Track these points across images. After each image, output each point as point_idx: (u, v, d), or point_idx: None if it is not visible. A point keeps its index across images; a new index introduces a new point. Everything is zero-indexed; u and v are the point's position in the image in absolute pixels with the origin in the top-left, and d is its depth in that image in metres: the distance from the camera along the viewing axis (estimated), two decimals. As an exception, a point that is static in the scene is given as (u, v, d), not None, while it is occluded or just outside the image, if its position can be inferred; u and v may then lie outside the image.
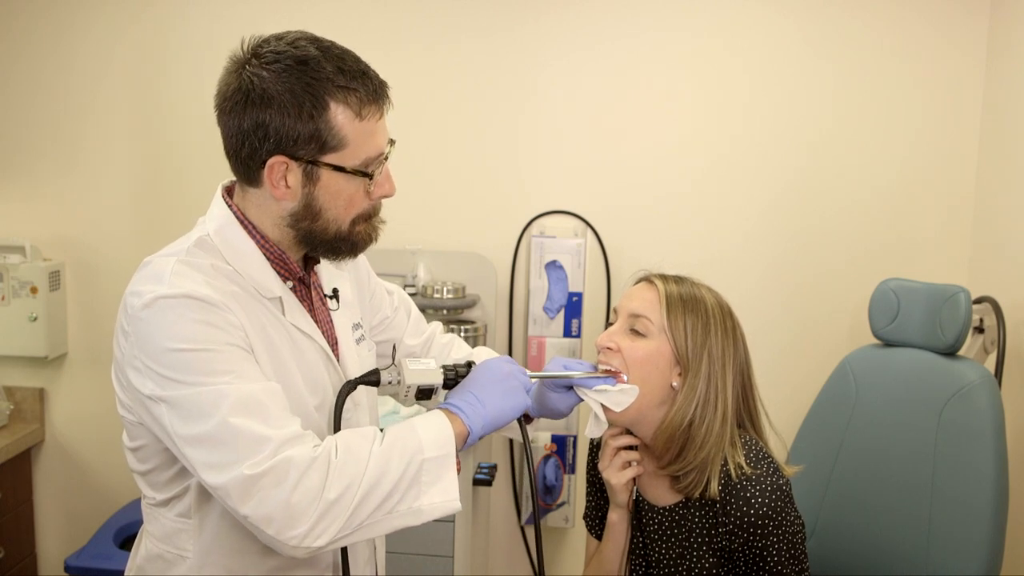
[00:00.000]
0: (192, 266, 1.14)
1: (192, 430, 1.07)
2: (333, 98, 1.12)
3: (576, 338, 2.52)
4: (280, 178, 1.15)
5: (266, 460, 1.05)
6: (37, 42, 2.60)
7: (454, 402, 1.21)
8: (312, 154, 1.13)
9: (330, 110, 1.12)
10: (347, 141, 1.14)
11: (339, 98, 1.13)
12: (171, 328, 1.08)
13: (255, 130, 1.13)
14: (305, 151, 1.13)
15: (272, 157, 1.13)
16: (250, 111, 1.12)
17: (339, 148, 1.14)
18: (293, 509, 1.05)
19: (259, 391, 1.09)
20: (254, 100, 1.12)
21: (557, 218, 2.55)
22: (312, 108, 1.11)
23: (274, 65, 1.12)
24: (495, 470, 2.35)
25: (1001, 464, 1.74)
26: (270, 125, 1.12)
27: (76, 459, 2.74)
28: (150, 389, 1.09)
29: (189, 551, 1.20)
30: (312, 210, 1.17)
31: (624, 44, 2.45)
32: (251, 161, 1.15)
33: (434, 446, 1.13)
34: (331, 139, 1.13)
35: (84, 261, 2.67)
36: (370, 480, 1.08)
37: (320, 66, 1.12)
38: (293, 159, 1.13)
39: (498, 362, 1.26)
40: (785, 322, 2.51)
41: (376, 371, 1.24)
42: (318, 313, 1.28)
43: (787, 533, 1.30)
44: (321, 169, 1.15)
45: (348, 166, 1.15)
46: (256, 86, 1.12)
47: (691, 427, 1.34)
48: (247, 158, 1.15)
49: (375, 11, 2.51)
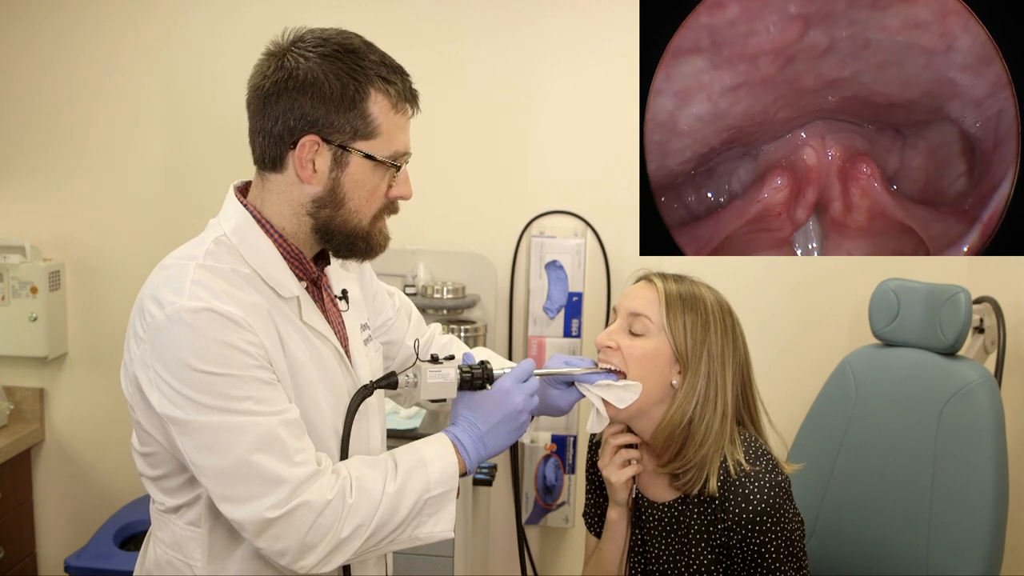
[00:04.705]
0: (212, 271, 1.13)
1: (209, 461, 1.09)
2: (374, 86, 1.15)
3: (576, 338, 2.52)
4: (309, 159, 1.16)
5: (284, 504, 1.09)
6: (38, 42, 2.60)
7: (462, 440, 1.24)
8: (345, 139, 1.15)
9: (370, 98, 1.15)
10: (380, 131, 1.17)
11: (379, 87, 1.16)
12: (192, 345, 1.08)
13: (292, 110, 1.14)
14: (339, 135, 1.15)
15: (305, 136, 1.14)
16: (290, 92, 1.14)
17: (371, 137, 1.16)
18: (306, 546, 1.11)
19: (277, 425, 1.10)
20: (296, 82, 1.14)
21: (557, 218, 2.55)
22: (355, 93, 1.14)
23: (318, 49, 1.15)
24: (495, 470, 2.35)
25: (1001, 464, 1.74)
26: (308, 106, 1.14)
27: (76, 459, 2.75)
28: (166, 407, 1.09)
29: (198, 560, 1.20)
30: (336, 197, 1.18)
31: (624, 44, 2.45)
32: (282, 142, 1.16)
33: (439, 483, 1.19)
34: (366, 126, 1.16)
35: (84, 261, 2.67)
36: (380, 519, 1.15)
37: (364, 55, 1.16)
38: (326, 142, 1.15)
39: (512, 392, 1.26)
40: (785, 322, 2.52)
41: (393, 374, 1.25)
42: (330, 314, 1.29)
43: (785, 530, 1.30)
44: (351, 155, 1.16)
45: (378, 155, 1.17)
46: (301, 67, 1.14)
47: (691, 425, 1.34)
48: (278, 138, 1.16)
49: (375, 12, 2.52)
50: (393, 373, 1.26)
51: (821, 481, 2.01)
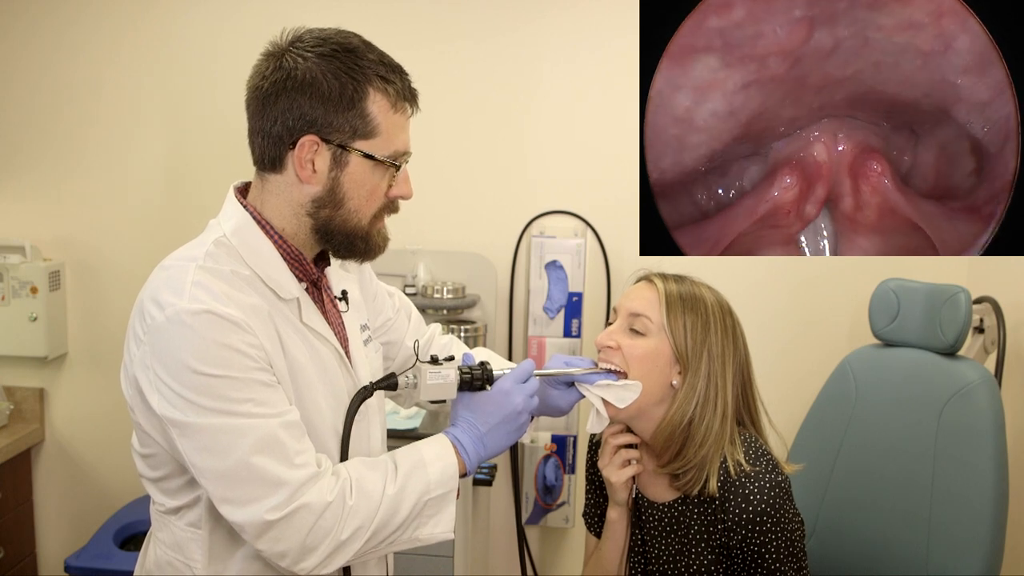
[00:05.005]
0: (212, 272, 1.13)
1: (209, 463, 1.09)
2: (372, 85, 1.15)
3: (576, 338, 2.52)
4: (308, 159, 1.15)
5: (284, 506, 1.09)
6: (38, 42, 2.60)
7: (462, 441, 1.24)
8: (344, 139, 1.15)
9: (369, 97, 1.15)
10: (379, 130, 1.16)
11: (378, 87, 1.15)
12: (192, 347, 1.08)
13: (290, 110, 1.14)
14: (338, 135, 1.15)
15: (304, 136, 1.14)
16: (288, 92, 1.14)
17: (371, 136, 1.16)
18: (307, 548, 1.11)
19: (277, 427, 1.10)
20: (294, 82, 1.13)
21: (557, 218, 2.55)
22: (353, 92, 1.14)
23: (317, 49, 1.15)
24: (495, 470, 2.35)
25: (1001, 464, 1.74)
26: (307, 106, 1.13)
27: (76, 459, 2.75)
28: (166, 409, 1.09)
29: (198, 561, 1.20)
30: (335, 196, 1.18)
31: (624, 44, 2.45)
32: (281, 142, 1.16)
33: (439, 484, 1.19)
34: (365, 126, 1.15)
35: (84, 261, 2.67)
36: (380, 521, 1.15)
37: (363, 54, 1.16)
38: (325, 142, 1.15)
39: (512, 393, 1.26)
40: (785, 322, 2.51)
41: (393, 375, 1.25)
42: (329, 315, 1.29)
43: (785, 531, 1.30)
44: (350, 154, 1.16)
45: (377, 155, 1.17)
46: (299, 67, 1.14)
47: (691, 425, 1.34)
48: (277, 138, 1.16)
49: (375, 12, 2.52)
50: (393, 374, 1.26)
51: (821, 481, 2.01)
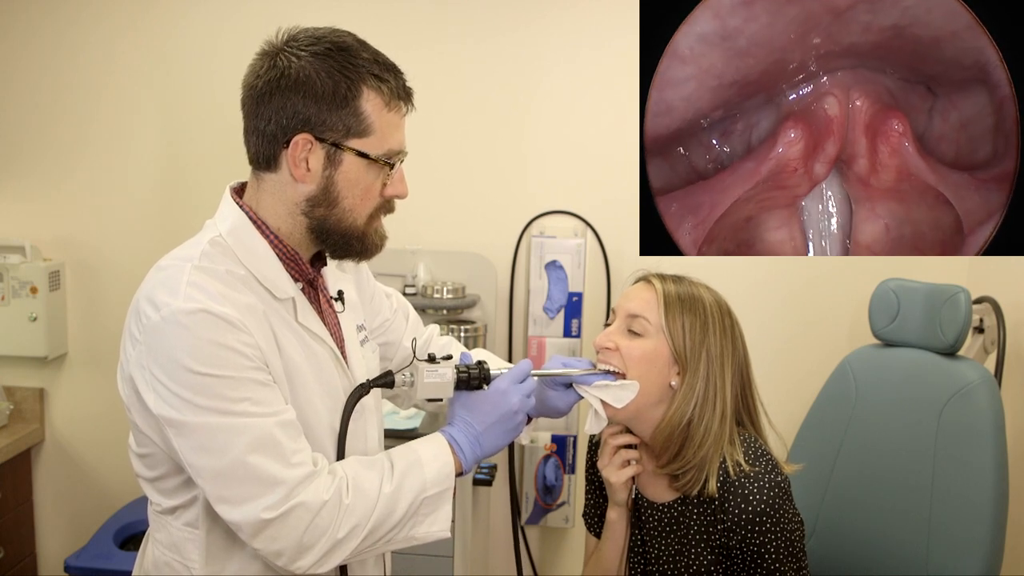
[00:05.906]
0: (208, 272, 1.13)
1: (205, 462, 1.09)
2: (366, 84, 1.15)
3: (576, 338, 2.52)
4: (302, 158, 1.15)
5: (280, 504, 1.09)
6: (38, 42, 2.60)
7: (458, 440, 1.24)
8: (338, 137, 1.15)
9: (362, 95, 1.15)
10: (373, 129, 1.16)
11: (372, 85, 1.15)
12: (187, 347, 1.08)
13: (284, 109, 1.14)
14: (332, 133, 1.15)
15: (298, 134, 1.14)
16: (282, 91, 1.14)
17: (365, 135, 1.16)
18: (303, 546, 1.11)
19: (273, 426, 1.10)
20: (288, 81, 1.13)
21: (557, 218, 2.55)
22: (347, 90, 1.14)
23: (311, 48, 1.15)
24: (495, 470, 2.35)
25: (1001, 464, 1.74)
26: (301, 105, 1.13)
27: (76, 459, 2.75)
28: (162, 408, 1.09)
29: (195, 562, 1.20)
30: (330, 195, 1.18)
31: (624, 44, 2.45)
32: (275, 140, 1.16)
33: (435, 483, 1.19)
34: (359, 124, 1.15)
35: (84, 261, 2.67)
36: (377, 520, 1.15)
37: (357, 53, 1.16)
38: (319, 140, 1.15)
39: (509, 393, 1.26)
40: (785, 322, 2.51)
41: (390, 373, 1.25)
42: (325, 315, 1.29)
43: (785, 531, 1.30)
44: (344, 153, 1.16)
45: (371, 153, 1.17)
46: (293, 66, 1.13)
47: (690, 426, 1.34)
48: (271, 137, 1.16)
49: (374, 12, 2.52)
50: (390, 372, 1.26)
51: (821, 481, 2.01)
